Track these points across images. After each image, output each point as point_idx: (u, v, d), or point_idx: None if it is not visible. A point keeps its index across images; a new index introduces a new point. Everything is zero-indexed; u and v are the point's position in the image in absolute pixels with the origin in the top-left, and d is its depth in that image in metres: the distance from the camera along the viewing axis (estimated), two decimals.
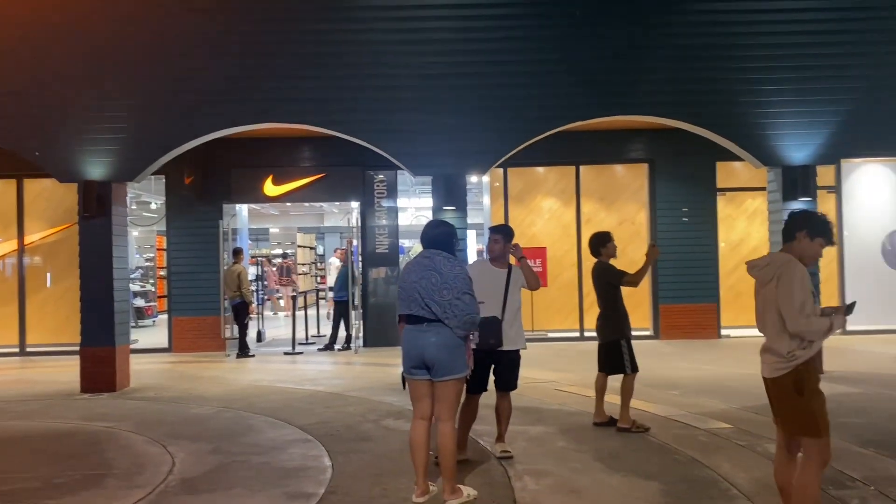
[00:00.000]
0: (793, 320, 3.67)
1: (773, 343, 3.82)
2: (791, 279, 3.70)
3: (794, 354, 3.72)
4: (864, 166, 13.31)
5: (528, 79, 9.42)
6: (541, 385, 8.69)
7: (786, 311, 3.70)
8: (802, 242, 3.84)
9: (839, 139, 9.21)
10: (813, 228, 3.83)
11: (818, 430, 3.72)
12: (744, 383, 8.67)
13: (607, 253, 6.74)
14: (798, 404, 3.74)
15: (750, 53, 9.24)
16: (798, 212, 4.10)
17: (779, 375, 3.80)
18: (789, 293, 3.69)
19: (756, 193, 13.57)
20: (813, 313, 3.66)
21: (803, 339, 3.70)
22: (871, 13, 9.23)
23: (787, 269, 3.74)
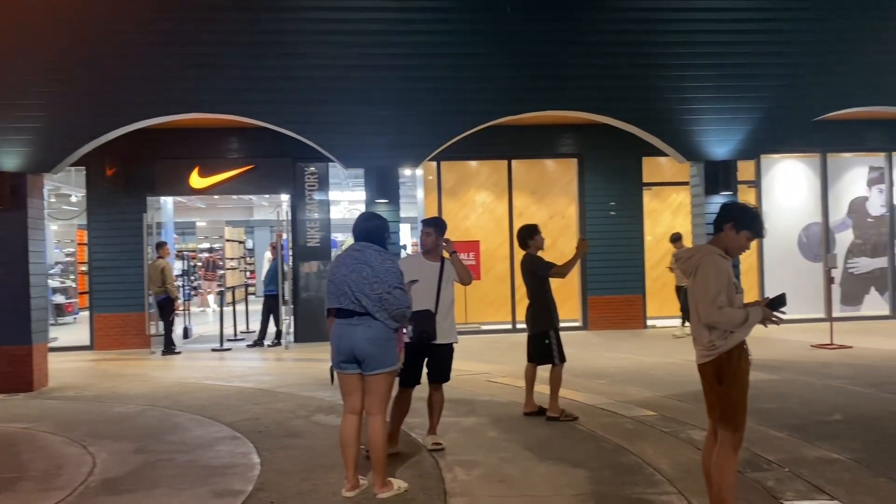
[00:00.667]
0: (705, 311, 3.78)
1: (696, 332, 3.94)
2: (707, 271, 3.81)
3: (713, 344, 3.84)
4: (782, 161, 13.88)
5: (461, 72, 9.45)
6: (473, 377, 8.75)
7: (700, 302, 3.82)
8: (729, 234, 3.95)
9: (759, 135, 9.57)
10: (740, 221, 3.93)
11: (734, 419, 3.85)
12: (668, 372, 8.94)
13: (535, 245, 6.84)
14: (717, 392, 3.87)
15: (673, 51, 9.50)
16: (729, 204, 4.17)
17: (704, 363, 3.92)
18: (705, 285, 3.80)
19: (680, 188, 13.98)
20: (730, 305, 3.77)
21: (723, 329, 3.82)
22: (789, 14, 9.61)
23: (706, 261, 3.85)
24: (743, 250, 3.98)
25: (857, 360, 9.40)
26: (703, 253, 3.90)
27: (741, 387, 3.87)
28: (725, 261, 3.87)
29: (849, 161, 14.15)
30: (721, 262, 3.83)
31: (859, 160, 14.16)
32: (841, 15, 9.67)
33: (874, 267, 14.17)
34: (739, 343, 3.85)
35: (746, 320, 3.76)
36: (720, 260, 3.84)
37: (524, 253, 6.91)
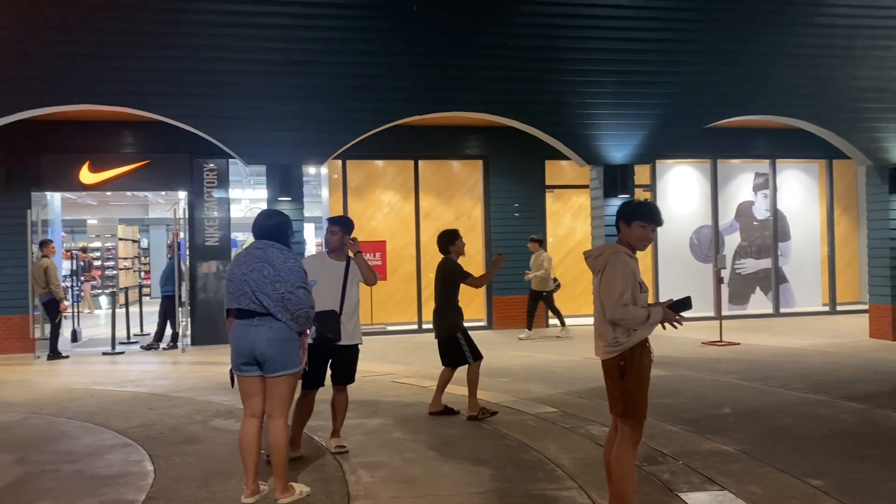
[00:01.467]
0: (610, 309, 3.88)
1: (601, 329, 4.03)
2: (613, 269, 3.91)
3: (617, 340, 3.94)
4: (675, 167, 14.49)
5: (369, 70, 9.37)
6: (378, 378, 8.69)
7: (605, 299, 3.91)
8: (624, 231, 4.06)
9: (654, 141, 9.94)
10: (627, 214, 4.05)
11: (635, 414, 3.96)
12: (569, 369, 9.16)
13: (455, 251, 6.84)
14: (619, 387, 3.97)
15: (576, 57, 9.75)
16: (620, 204, 4.29)
17: (607, 358, 4.01)
18: (610, 283, 3.89)
19: (581, 191, 14.36)
20: (634, 303, 3.87)
21: (626, 327, 3.91)
22: (683, 24, 10.04)
23: (612, 259, 3.95)
24: (645, 241, 4.04)
25: (744, 356, 9.91)
26: (611, 252, 4.00)
27: (642, 383, 3.98)
28: (632, 260, 3.98)
29: (737, 167, 14.93)
30: (627, 261, 3.93)
31: (746, 166, 14.96)
32: (729, 27, 10.18)
33: (759, 268, 15.00)
34: (642, 340, 3.96)
35: (648, 319, 3.86)
36: (626, 259, 3.94)
37: (443, 257, 6.88)
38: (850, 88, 10.58)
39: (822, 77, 10.50)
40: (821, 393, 7.41)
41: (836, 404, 6.91)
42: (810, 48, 10.45)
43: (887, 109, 10.69)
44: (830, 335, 11.60)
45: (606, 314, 3.91)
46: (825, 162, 15.02)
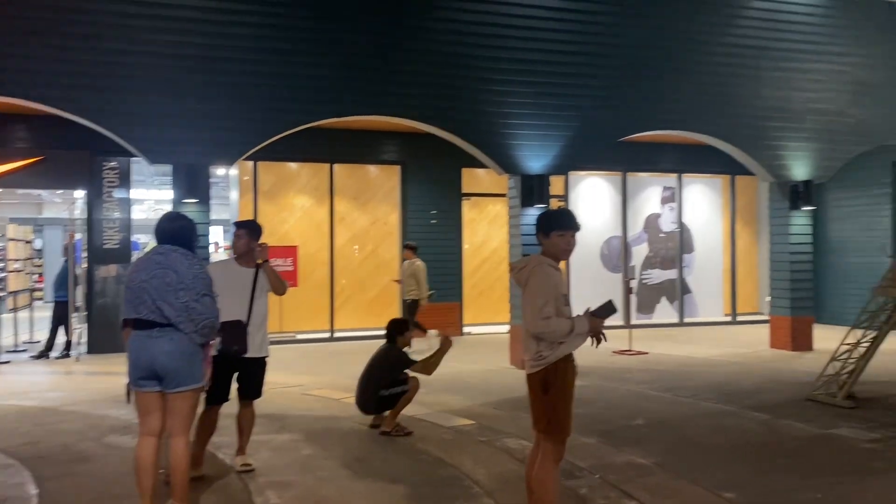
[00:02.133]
0: (531, 322, 3.78)
1: (525, 342, 3.92)
2: (535, 281, 3.81)
3: (541, 354, 3.84)
4: (588, 178, 14.72)
5: (286, 69, 9.02)
6: (287, 390, 8.35)
7: (527, 312, 3.81)
8: (545, 242, 3.98)
9: (570, 152, 10.02)
10: (544, 225, 3.98)
11: (558, 430, 3.88)
12: (483, 380, 9.08)
13: (403, 341, 6.65)
14: (543, 402, 3.87)
15: (496, 66, 9.71)
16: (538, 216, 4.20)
17: (531, 373, 3.91)
18: (532, 295, 3.80)
19: (497, 199, 14.39)
20: (557, 315, 3.78)
21: (549, 340, 3.82)
22: (598, 38, 10.17)
23: (535, 271, 3.85)
24: (567, 250, 3.95)
25: (653, 365, 10.10)
26: (534, 264, 3.90)
27: (566, 398, 3.90)
28: (556, 271, 3.89)
29: (646, 180, 15.32)
30: (550, 273, 3.84)
31: (655, 180, 15.37)
32: (642, 44, 10.37)
33: (665, 278, 15.42)
34: (567, 354, 3.87)
35: (572, 330, 3.78)
36: (550, 270, 3.85)
37: (386, 344, 6.62)
38: (755, 107, 10.98)
39: (729, 95, 10.86)
40: (728, 403, 7.59)
41: (743, 415, 7.08)
42: (719, 66, 10.80)
43: (789, 129, 11.16)
44: (733, 345, 11.99)
45: (528, 327, 3.81)
46: (729, 177, 15.59)
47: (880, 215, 14.16)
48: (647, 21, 10.46)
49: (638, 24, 10.40)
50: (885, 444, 5.94)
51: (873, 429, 6.40)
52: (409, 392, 6.38)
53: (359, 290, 13.54)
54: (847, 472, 5.25)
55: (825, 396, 7.51)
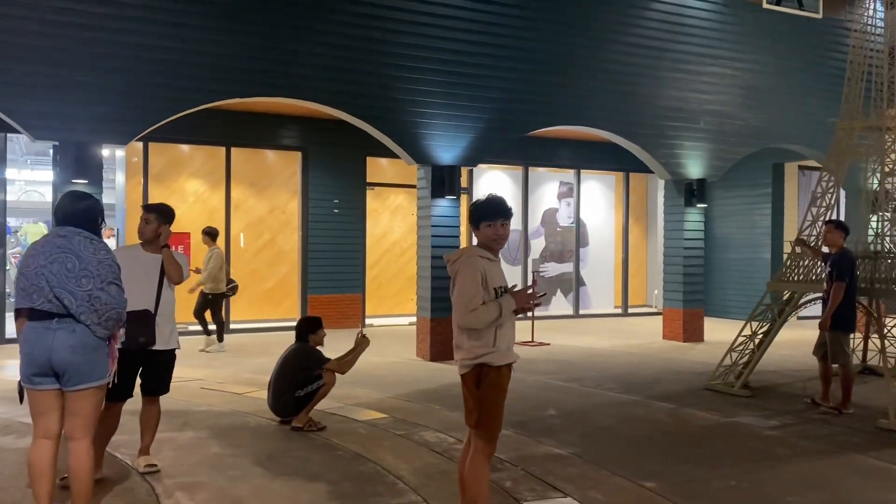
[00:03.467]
0: (460, 315, 3.67)
1: (458, 339, 3.80)
2: (465, 273, 3.69)
3: (475, 353, 3.74)
4: (489, 172, 14.81)
5: (186, 45, 8.50)
6: (185, 384, 7.87)
7: (455, 305, 3.70)
8: (476, 234, 3.88)
9: (481, 144, 10.00)
10: (472, 219, 3.89)
11: (490, 424, 3.79)
12: (392, 371, 8.93)
13: (315, 340, 6.36)
14: (475, 397, 3.77)
15: (411, 54, 9.54)
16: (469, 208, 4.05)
17: (465, 372, 3.79)
18: (461, 287, 3.68)
19: (399, 190, 14.25)
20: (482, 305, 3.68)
21: (479, 334, 3.70)
22: (510, 32, 10.18)
23: (464, 263, 3.73)
24: (499, 239, 3.83)
25: (556, 356, 10.27)
26: (466, 254, 3.78)
27: (500, 394, 3.81)
28: (488, 262, 3.77)
29: (545, 175, 15.58)
30: (479, 264, 3.71)
31: (553, 175, 15.66)
32: (550, 40, 10.49)
33: (561, 271, 15.76)
34: (504, 349, 3.78)
35: (501, 313, 3.67)
36: (480, 262, 3.73)
37: (297, 343, 6.32)
38: (654, 107, 11.35)
39: (631, 94, 11.17)
40: (632, 393, 7.79)
41: (648, 404, 7.28)
42: (622, 65, 11.08)
43: (685, 129, 11.61)
44: (628, 336, 12.39)
45: (456, 320, 3.70)
46: (622, 174, 16.12)
47: (761, 214, 15.04)
48: (556, 18, 10.57)
49: (547, 20, 10.49)
50: (784, 432, 6.25)
51: (771, 416, 6.73)
52: (326, 387, 6.14)
53: (255, 281, 13.04)
54: (754, 458, 5.47)
55: (723, 386, 7.84)
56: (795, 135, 12.66)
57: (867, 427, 6.32)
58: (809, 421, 6.59)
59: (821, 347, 7.07)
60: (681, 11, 11.54)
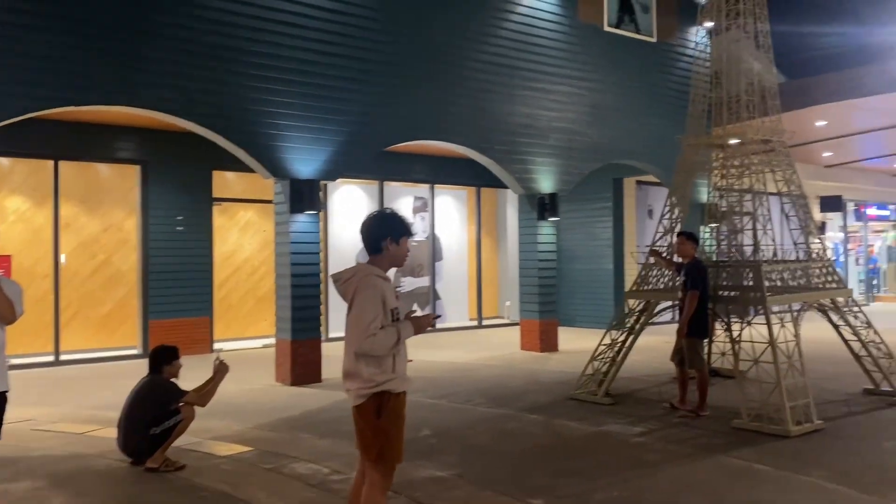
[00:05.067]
0: (359, 340, 3.44)
1: (352, 367, 3.54)
2: (364, 296, 3.47)
3: (374, 380, 3.50)
4: (344, 186, 14.48)
5: (12, 45, 7.53)
6: (14, 426, 6.91)
7: (355, 329, 3.46)
8: (391, 249, 3.66)
9: (342, 158, 9.70)
10: (395, 232, 3.69)
11: (390, 457, 3.58)
12: (251, 399, 8.40)
13: (171, 371, 5.81)
14: (374, 428, 3.53)
15: (266, 62, 9.06)
16: (369, 222, 3.75)
17: (361, 402, 3.53)
18: (360, 311, 3.46)
19: (248, 205, 13.62)
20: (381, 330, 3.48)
21: (379, 360, 3.49)
22: (370, 45, 9.98)
23: (362, 284, 3.50)
24: (406, 256, 3.73)
25: (421, 372, 10.09)
26: (361, 275, 3.54)
27: (399, 422, 3.61)
28: (386, 282, 3.57)
29: (400, 190, 15.48)
30: (379, 285, 3.52)
31: (408, 190, 15.60)
32: (411, 54, 10.42)
33: (417, 285, 15.71)
34: (401, 376, 3.58)
35: (399, 338, 3.49)
36: (379, 282, 3.53)
37: (150, 375, 5.77)
38: (507, 122, 11.58)
39: (485, 110, 11.31)
40: (502, 406, 7.79)
41: (520, 417, 7.30)
42: (477, 82, 11.21)
43: (536, 144, 11.93)
44: (488, 348, 12.50)
45: (354, 346, 3.46)
46: (475, 189, 16.36)
47: (603, 226, 15.80)
48: (415, 33, 10.52)
49: (407, 35, 10.41)
50: (651, 437, 6.47)
51: (635, 423, 6.95)
52: (184, 422, 5.61)
53: (88, 305, 11.90)
54: (630, 466, 5.58)
55: (586, 395, 8.03)
56: (635, 151, 13.40)
57: (724, 428, 6.67)
58: (671, 425, 6.87)
59: (678, 353, 7.42)
60: (530, 31, 11.88)
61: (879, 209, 23.83)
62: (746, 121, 7.75)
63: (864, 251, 23.28)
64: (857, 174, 22.00)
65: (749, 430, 6.49)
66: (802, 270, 7.70)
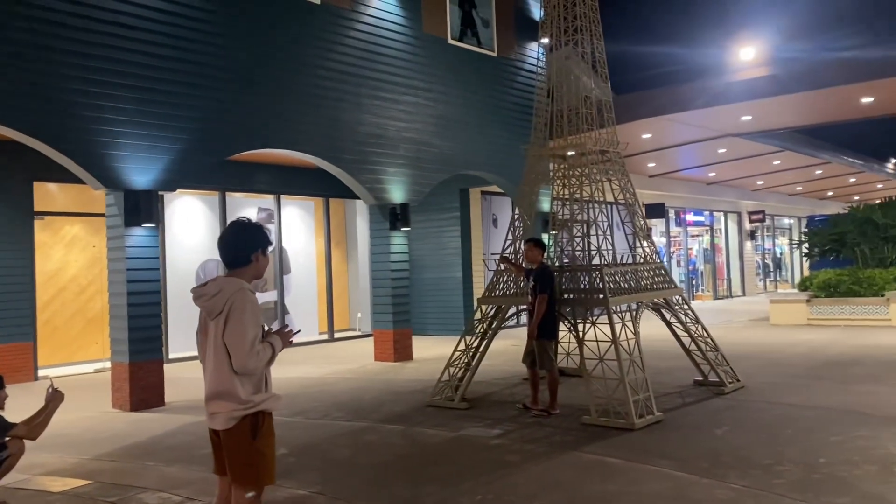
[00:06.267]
0: (242, 358, 3.27)
1: (225, 386, 3.33)
2: (241, 312, 3.30)
3: (251, 399, 3.33)
4: (182, 197, 13.76)
5: None
6: None
7: (235, 348, 3.28)
8: (260, 262, 3.50)
9: (181, 167, 9.18)
10: (263, 243, 3.54)
11: (265, 478, 3.43)
12: (87, 428, 7.75)
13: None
14: (250, 450, 3.34)
15: (95, 65, 8.39)
16: (240, 233, 3.57)
17: (233, 425, 3.33)
18: (241, 328, 3.28)
19: (75, 219, 12.62)
20: (260, 346, 3.34)
21: (252, 377, 3.33)
22: (209, 49, 9.53)
23: (237, 299, 3.32)
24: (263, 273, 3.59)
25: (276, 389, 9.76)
26: (232, 289, 3.36)
27: (272, 442, 3.45)
28: (255, 297, 3.41)
29: (242, 201, 14.94)
30: (254, 301, 3.36)
31: (252, 200, 15.09)
32: (253, 60, 10.06)
33: (264, 300, 15.21)
34: (270, 396, 3.44)
35: (274, 353, 3.39)
36: (252, 297, 3.36)
37: None
38: (357, 132, 11.49)
39: (335, 119, 11.17)
40: (360, 419, 7.68)
41: (379, 428, 7.22)
42: (325, 90, 11.04)
43: (387, 155, 11.93)
44: (341, 361, 12.31)
45: (236, 365, 3.27)
46: (322, 199, 16.11)
47: (451, 236, 16.10)
48: (258, 39, 10.18)
49: (249, 41, 10.05)
50: (508, 439, 6.61)
51: (492, 425, 7.09)
52: (13, 457, 5.05)
53: None
54: (491, 469, 5.67)
55: (443, 401, 8.10)
56: (480, 162, 13.76)
57: (575, 425, 6.95)
58: (526, 425, 7.07)
59: (529, 355, 7.66)
60: (377, 41, 11.88)
61: (696, 215, 26.08)
62: (585, 132, 8.18)
63: (685, 254, 25.34)
64: (677, 183, 23.96)
65: (598, 426, 6.81)
66: (639, 272, 8.22)
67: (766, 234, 30.65)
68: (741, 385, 8.54)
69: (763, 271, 30.15)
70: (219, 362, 3.37)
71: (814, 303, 15.88)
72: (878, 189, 32.40)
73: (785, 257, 32.52)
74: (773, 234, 31.43)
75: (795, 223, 33.28)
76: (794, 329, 15.09)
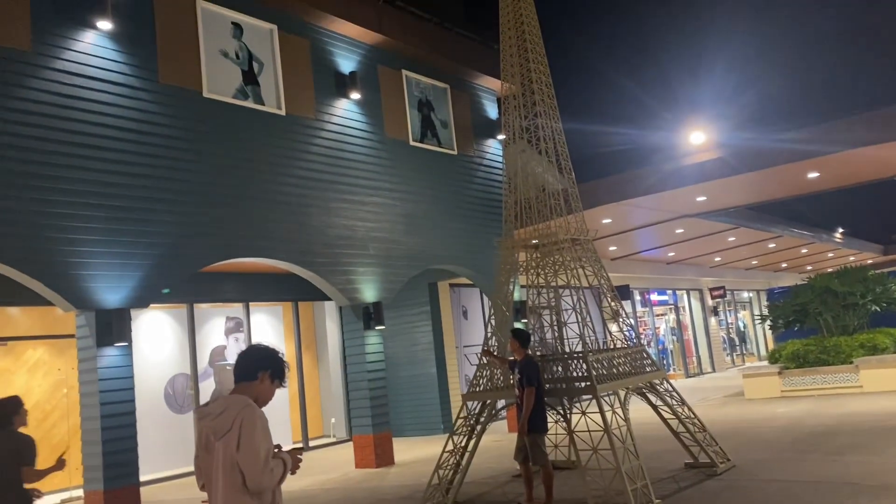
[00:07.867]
0: (257, 476, 3.16)
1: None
2: (252, 430, 3.21)
3: None
4: (150, 312, 13.50)
5: None
6: None
7: (249, 466, 3.17)
8: (264, 383, 3.43)
9: (151, 282, 9.08)
10: (276, 370, 3.51)
11: None
12: None
13: (20, 421, 5.38)
14: None
15: (60, 186, 8.38)
16: (256, 349, 3.65)
17: None
18: (253, 447, 3.18)
19: (38, 342, 12.24)
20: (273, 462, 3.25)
21: (264, 496, 3.21)
22: (176, 163, 9.61)
23: (247, 416, 3.24)
24: (269, 401, 3.53)
25: None
26: (241, 406, 3.27)
27: None
28: (262, 412, 3.33)
29: (210, 311, 14.70)
30: (263, 416, 3.28)
31: (218, 310, 14.86)
32: (219, 173, 10.16)
33: None
34: None
35: (286, 469, 3.32)
36: (260, 413, 3.29)
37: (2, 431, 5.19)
38: (327, 235, 11.54)
39: (304, 224, 11.23)
40: None
41: None
42: (293, 196, 11.14)
43: (357, 255, 11.97)
44: (320, 471, 11.89)
45: (250, 484, 3.16)
46: (291, 304, 15.96)
47: (422, 331, 16.01)
48: (222, 151, 10.31)
49: (213, 153, 10.17)
50: None
51: None
52: None
53: None
54: None
55: None
56: (448, 256, 13.88)
57: None
58: None
59: (521, 451, 7.52)
60: (342, 147, 12.12)
61: (660, 294, 26.48)
62: (554, 220, 8.35)
63: (653, 333, 25.55)
64: (639, 264, 24.43)
65: None
66: (623, 357, 8.24)
67: (728, 308, 31.20)
68: (732, 464, 8.49)
69: (729, 346, 30.50)
70: (230, 482, 3.25)
71: (785, 374, 16.06)
72: (829, 258, 33.49)
73: (748, 330, 33.02)
74: (734, 308, 32.00)
75: (755, 296, 34.01)
76: (770, 402, 15.16)
